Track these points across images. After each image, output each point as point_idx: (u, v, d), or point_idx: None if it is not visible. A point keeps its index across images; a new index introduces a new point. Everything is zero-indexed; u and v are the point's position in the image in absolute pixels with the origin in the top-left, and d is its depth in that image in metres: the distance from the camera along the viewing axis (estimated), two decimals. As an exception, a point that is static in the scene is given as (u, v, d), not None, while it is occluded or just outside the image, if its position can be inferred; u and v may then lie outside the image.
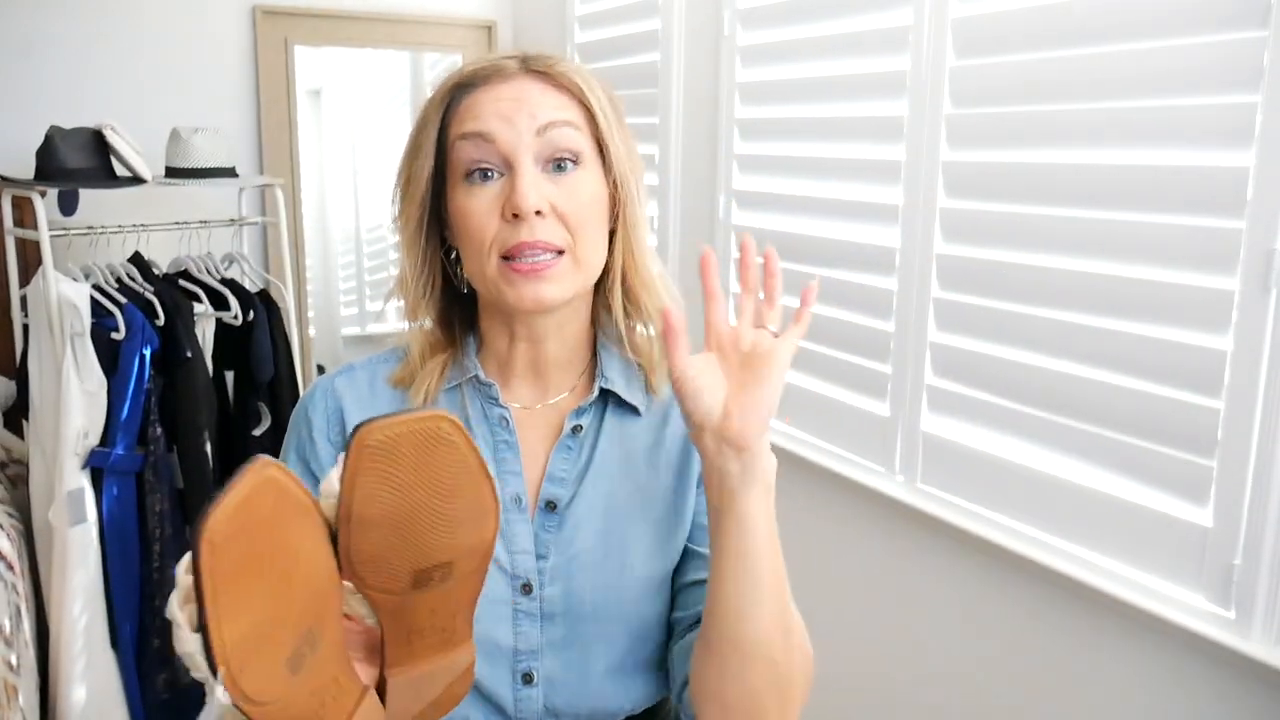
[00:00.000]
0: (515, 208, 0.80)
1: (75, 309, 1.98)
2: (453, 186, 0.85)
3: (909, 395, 1.73)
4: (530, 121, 0.82)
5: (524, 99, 0.83)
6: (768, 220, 2.06)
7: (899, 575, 1.80)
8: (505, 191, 0.82)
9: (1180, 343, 1.31)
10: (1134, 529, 1.38)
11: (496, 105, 0.83)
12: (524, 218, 0.81)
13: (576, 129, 0.84)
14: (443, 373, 0.91)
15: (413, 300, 0.91)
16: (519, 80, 0.85)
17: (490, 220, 0.82)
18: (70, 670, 1.97)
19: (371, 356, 0.95)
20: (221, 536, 0.51)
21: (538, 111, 0.83)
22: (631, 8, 2.46)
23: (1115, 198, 1.38)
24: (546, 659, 0.87)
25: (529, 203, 0.80)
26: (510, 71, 0.85)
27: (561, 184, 0.83)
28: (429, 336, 0.92)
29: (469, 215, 0.83)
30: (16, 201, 2.22)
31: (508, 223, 0.82)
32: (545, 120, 0.83)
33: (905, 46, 1.68)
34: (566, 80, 0.85)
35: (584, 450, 0.90)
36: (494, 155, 0.82)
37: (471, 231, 0.83)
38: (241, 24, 2.70)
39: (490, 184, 0.83)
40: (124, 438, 2.05)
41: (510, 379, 0.91)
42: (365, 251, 3.16)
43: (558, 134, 0.83)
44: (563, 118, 0.84)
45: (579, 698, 0.88)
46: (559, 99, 0.85)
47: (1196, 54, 1.28)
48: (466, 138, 0.83)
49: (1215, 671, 1.31)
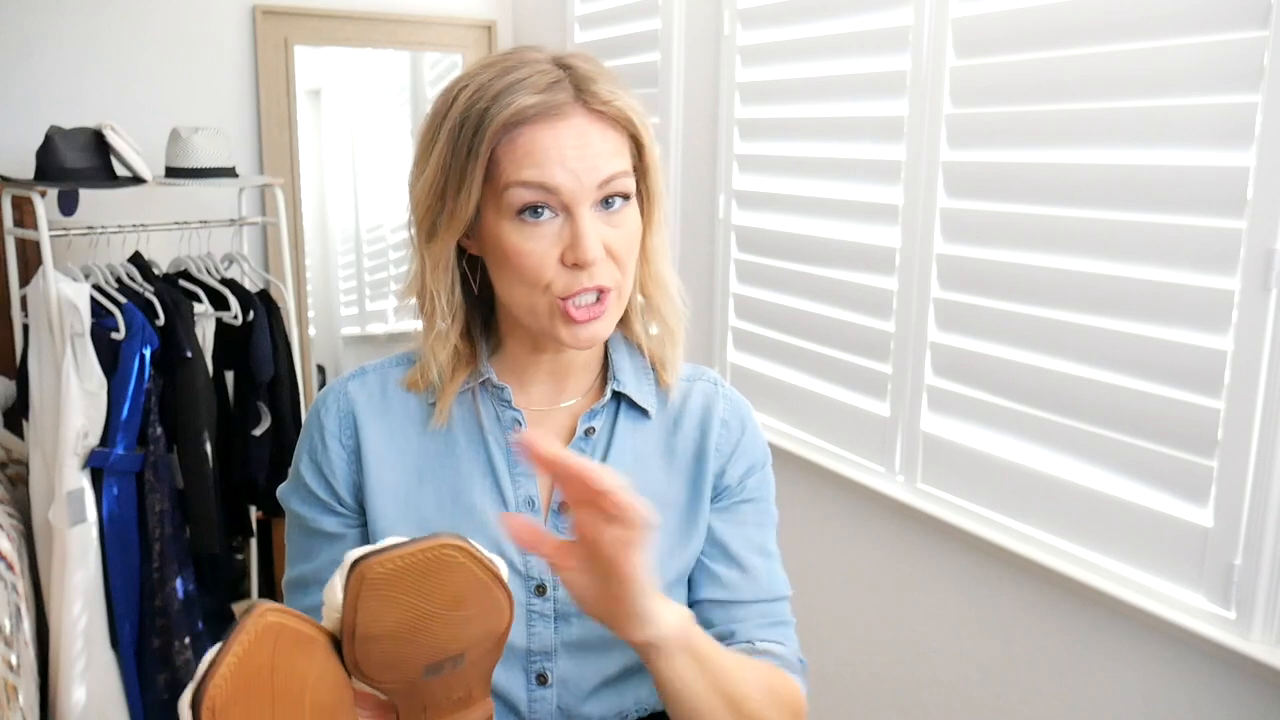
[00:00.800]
0: (578, 259, 0.79)
1: (75, 309, 1.98)
2: (496, 216, 0.82)
3: (909, 395, 1.73)
4: (593, 174, 0.80)
5: (587, 148, 0.80)
6: (768, 220, 2.06)
7: (899, 575, 1.80)
8: (564, 236, 0.80)
9: (1180, 343, 1.31)
10: (1134, 529, 1.38)
11: (560, 152, 0.79)
12: (586, 268, 0.80)
13: (630, 177, 0.84)
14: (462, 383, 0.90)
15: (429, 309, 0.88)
16: (578, 121, 0.80)
17: (548, 262, 0.80)
18: (70, 670, 1.97)
19: (383, 360, 0.94)
20: (223, 700, 0.52)
21: (600, 164, 0.80)
22: (631, 8, 2.46)
23: (1115, 198, 1.38)
24: (560, 660, 0.87)
25: (595, 255, 0.79)
26: (566, 110, 0.80)
27: (613, 222, 0.82)
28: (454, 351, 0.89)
29: (524, 255, 0.80)
30: (16, 201, 2.22)
31: (566, 268, 0.80)
32: (608, 173, 0.81)
33: (905, 46, 1.68)
34: (622, 118, 0.83)
35: (597, 453, 0.90)
36: (554, 201, 0.80)
37: (526, 271, 0.81)
38: (241, 24, 2.70)
39: (545, 223, 0.80)
40: (124, 438, 2.05)
41: (525, 382, 0.91)
42: (365, 251, 3.16)
43: (614, 184, 0.82)
44: (623, 168, 0.82)
45: (592, 698, 0.88)
46: (616, 141, 0.83)
47: (1196, 54, 1.28)
48: (526, 185, 0.79)
49: (1215, 671, 1.31)
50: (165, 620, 2.12)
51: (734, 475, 0.93)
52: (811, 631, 2.02)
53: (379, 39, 2.90)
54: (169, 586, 2.11)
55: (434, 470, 0.88)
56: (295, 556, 0.91)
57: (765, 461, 0.96)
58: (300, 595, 0.89)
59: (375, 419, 0.89)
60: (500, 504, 0.87)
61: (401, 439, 0.89)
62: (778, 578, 0.94)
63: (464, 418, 0.89)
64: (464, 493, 0.87)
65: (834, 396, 1.91)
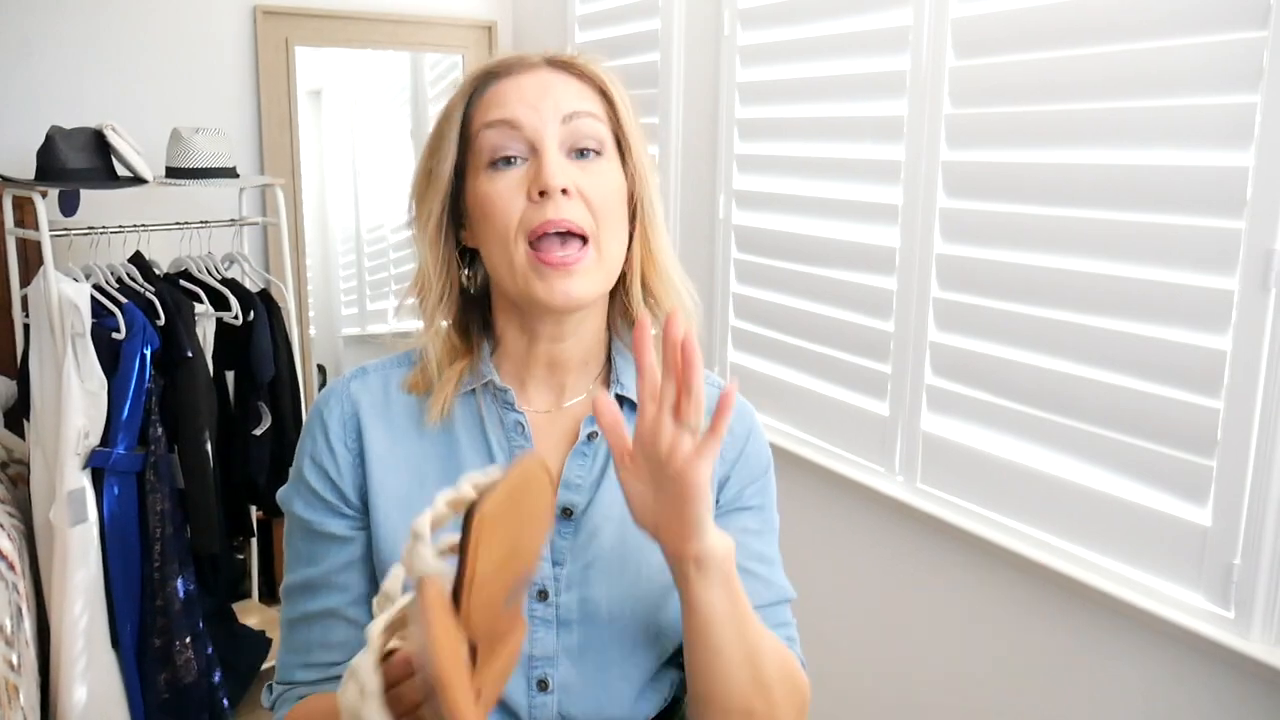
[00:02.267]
0: (543, 184, 0.81)
1: (76, 309, 1.98)
2: (474, 177, 0.85)
3: (909, 395, 1.73)
4: (555, 110, 0.83)
5: (549, 87, 0.84)
6: (768, 220, 2.06)
7: (899, 575, 1.81)
8: (531, 174, 0.83)
9: (1180, 343, 1.31)
10: (1134, 529, 1.38)
11: (521, 93, 0.84)
12: (550, 195, 0.81)
13: (599, 121, 0.86)
14: (459, 379, 0.90)
15: (432, 302, 0.89)
16: (543, 71, 0.86)
17: (516, 201, 0.82)
18: (70, 670, 1.97)
19: (384, 360, 0.94)
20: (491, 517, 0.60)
21: (562, 100, 0.84)
22: (631, 8, 2.46)
23: (1115, 198, 1.38)
24: (562, 666, 0.86)
25: (556, 180, 0.81)
26: (534, 63, 0.87)
27: (586, 170, 0.84)
28: (447, 342, 0.90)
29: (494, 199, 0.83)
30: (17, 202, 2.22)
31: (534, 203, 0.82)
32: (570, 109, 0.84)
33: (905, 46, 1.68)
34: (589, 72, 0.87)
35: (599, 456, 0.90)
36: (519, 141, 0.83)
37: (497, 215, 0.83)
38: (242, 24, 2.71)
39: (515, 168, 0.83)
40: (125, 437, 2.05)
41: (527, 382, 0.91)
42: (365, 251, 3.16)
43: (582, 123, 0.84)
44: (586, 108, 0.85)
45: (594, 705, 0.87)
46: (582, 89, 0.86)
47: (1196, 54, 1.28)
48: (491, 125, 0.84)
49: (1215, 671, 1.31)
50: (166, 620, 2.12)
51: (737, 483, 0.92)
52: (811, 631, 2.02)
53: (379, 40, 2.90)
54: (169, 586, 2.12)
55: (436, 473, 0.87)
56: (298, 561, 0.89)
57: (768, 468, 0.95)
58: (307, 599, 0.87)
59: (378, 421, 0.89)
60: None
61: (404, 441, 0.88)
62: (779, 583, 0.93)
63: (466, 420, 0.89)
64: None
65: (834, 396, 1.91)
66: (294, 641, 0.88)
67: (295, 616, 0.88)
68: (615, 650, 0.87)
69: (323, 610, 0.86)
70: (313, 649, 0.86)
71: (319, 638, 0.86)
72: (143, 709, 2.11)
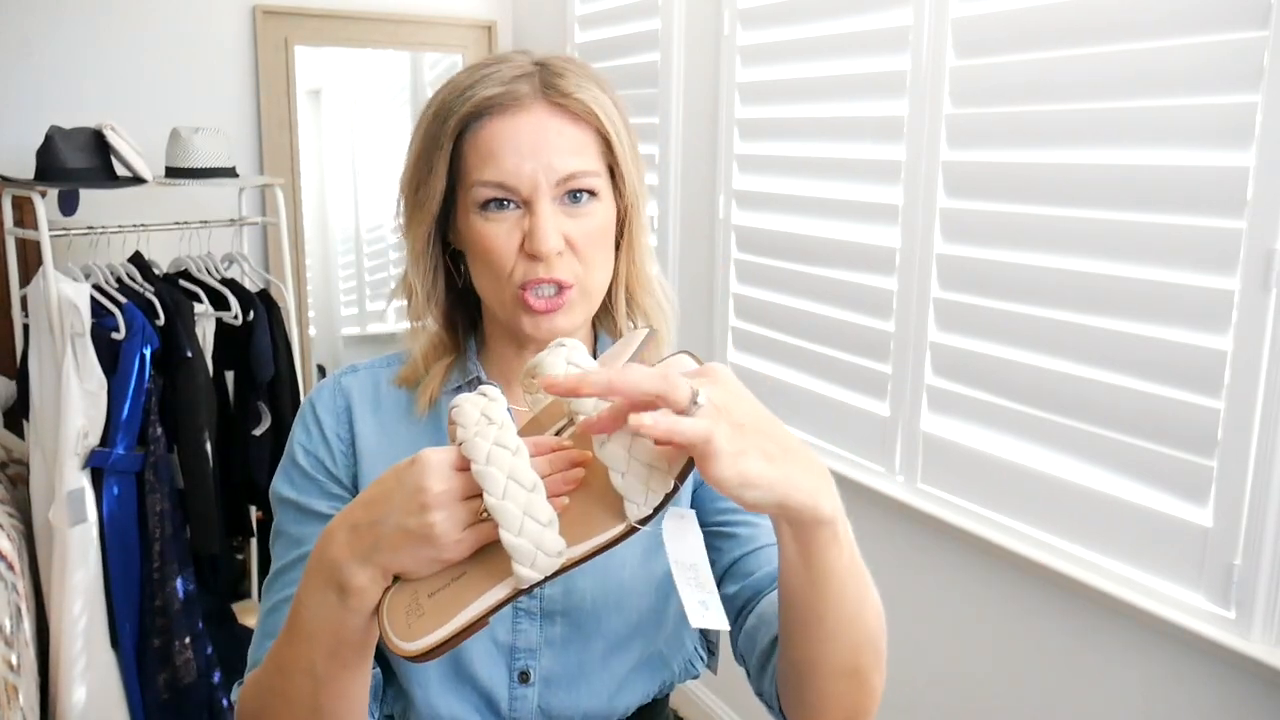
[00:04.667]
0: (535, 250, 0.81)
1: (75, 309, 1.98)
2: (465, 208, 0.85)
3: (909, 395, 1.73)
4: (550, 172, 0.82)
5: (543, 141, 0.82)
6: (768, 220, 2.06)
7: (899, 575, 1.81)
8: (524, 227, 0.82)
9: (1180, 343, 1.31)
10: (1134, 529, 1.38)
11: (516, 146, 0.81)
12: (543, 259, 0.82)
13: (595, 175, 0.84)
14: (445, 375, 0.91)
15: (419, 305, 0.91)
16: (535, 115, 0.83)
17: (509, 252, 0.83)
18: (70, 670, 1.97)
19: (373, 360, 0.95)
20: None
21: (555, 161, 0.82)
22: (631, 8, 2.46)
23: (1115, 198, 1.38)
24: (544, 658, 0.87)
25: (549, 246, 0.81)
26: (526, 101, 0.83)
27: (577, 216, 0.84)
28: (434, 339, 0.92)
29: (489, 247, 0.83)
30: (17, 201, 2.22)
31: (525, 257, 0.83)
32: (565, 172, 0.82)
33: (905, 46, 1.68)
34: (583, 110, 0.84)
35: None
36: (513, 195, 0.83)
37: (491, 261, 0.84)
38: (241, 24, 2.70)
39: (507, 213, 0.83)
40: (124, 438, 2.05)
41: (513, 380, 0.92)
42: (365, 251, 3.16)
43: (575, 181, 0.83)
44: (580, 168, 0.83)
45: (575, 697, 0.88)
46: (577, 136, 0.84)
47: (1196, 54, 1.28)
48: (485, 184, 0.82)
49: (1215, 671, 1.31)
50: (165, 620, 2.12)
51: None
52: (811, 631, 2.02)
53: (379, 39, 2.90)
54: (169, 586, 2.11)
55: None
56: (286, 547, 0.88)
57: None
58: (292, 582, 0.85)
59: (369, 415, 0.90)
60: None
61: (394, 435, 0.89)
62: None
63: None
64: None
65: (834, 396, 1.91)
66: (269, 626, 0.85)
67: (276, 600, 0.86)
68: (598, 642, 0.88)
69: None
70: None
71: None
72: (142, 709, 2.11)
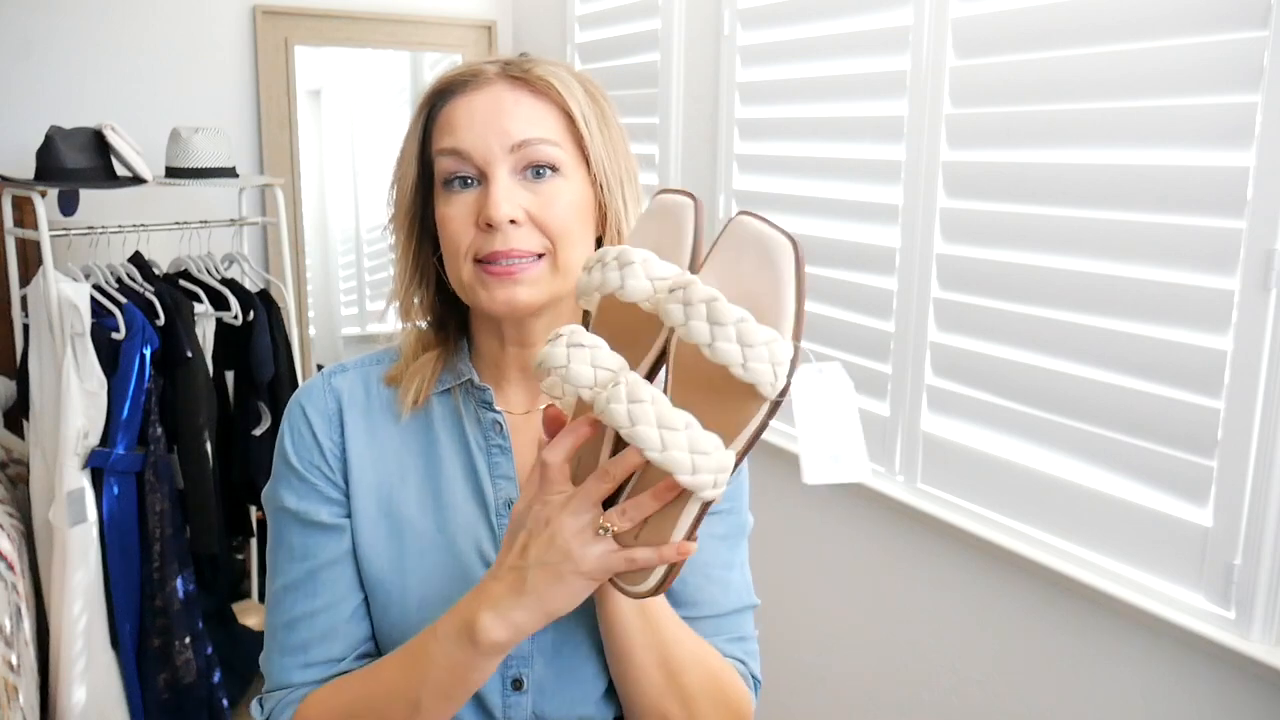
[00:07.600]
0: (487, 219, 0.81)
1: (75, 309, 1.98)
2: (436, 195, 0.87)
3: (909, 395, 1.73)
4: (504, 137, 0.82)
5: (498, 112, 0.83)
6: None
7: (898, 575, 1.80)
8: (480, 199, 0.83)
9: (1180, 343, 1.31)
10: (1134, 529, 1.38)
11: (470, 118, 0.83)
12: (496, 228, 0.81)
13: (553, 145, 0.84)
14: (434, 372, 0.90)
15: (405, 304, 0.91)
16: (495, 88, 0.84)
17: (466, 228, 0.83)
18: (70, 670, 1.97)
19: (363, 357, 0.95)
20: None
21: (511, 127, 0.82)
22: (631, 8, 2.46)
23: (1115, 198, 1.38)
24: (537, 665, 0.87)
25: (500, 214, 0.81)
26: (487, 77, 0.85)
27: (539, 192, 0.83)
28: (425, 339, 0.92)
29: (448, 221, 0.84)
30: (17, 201, 2.22)
31: (482, 231, 0.82)
32: (520, 137, 0.82)
33: (905, 46, 1.68)
34: (543, 85, 0.84)
35: None
36: (470, 166, 0.83)
37: (449, 238, 0.84)
38: (241, 24, 2.71)
39: (467, 192, 0.83)
40: (124, 438, 2.05)
41: (505, 384, 0.91)
42: (365, 251, 3.16)
43: (532, 150, 0.83)
44: (536, 135, 0.83)
45: (568, 704, 0.88)
46: (535, 109, 0.84)
47: (1196, 54, 1.28)
48: (443, 153, 0.84)
49: (1215, 671, 1.31)
50: (165, 620, 2.12)
51: None
52: (811, 631, 2.02)
53: (379, 39, 2.90)
54: (169, 586, 2.11)
55: (415, 470, 0.88)
56: (290, 559, 0.87)
57: (741, 470, 0.93)
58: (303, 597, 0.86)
59: (359, 416, 0.89)
60: (480, 506, 0.87)
61: (383, 436, 0.89)
62: (743, 590, 0.92)
63: (446, 418, 0.89)
64: (445, 493, 0.87)
65: (834, 396, 1.90)
66: (289, 643, 0.86)
67: (291, 617, 0.86)
68: (588, 648, 0.87)
69: (322, 605, 0.85)
70: (311, 647, 0.85)
71: (319, 634, 0.85)
72: (142, 709, 2.11)
